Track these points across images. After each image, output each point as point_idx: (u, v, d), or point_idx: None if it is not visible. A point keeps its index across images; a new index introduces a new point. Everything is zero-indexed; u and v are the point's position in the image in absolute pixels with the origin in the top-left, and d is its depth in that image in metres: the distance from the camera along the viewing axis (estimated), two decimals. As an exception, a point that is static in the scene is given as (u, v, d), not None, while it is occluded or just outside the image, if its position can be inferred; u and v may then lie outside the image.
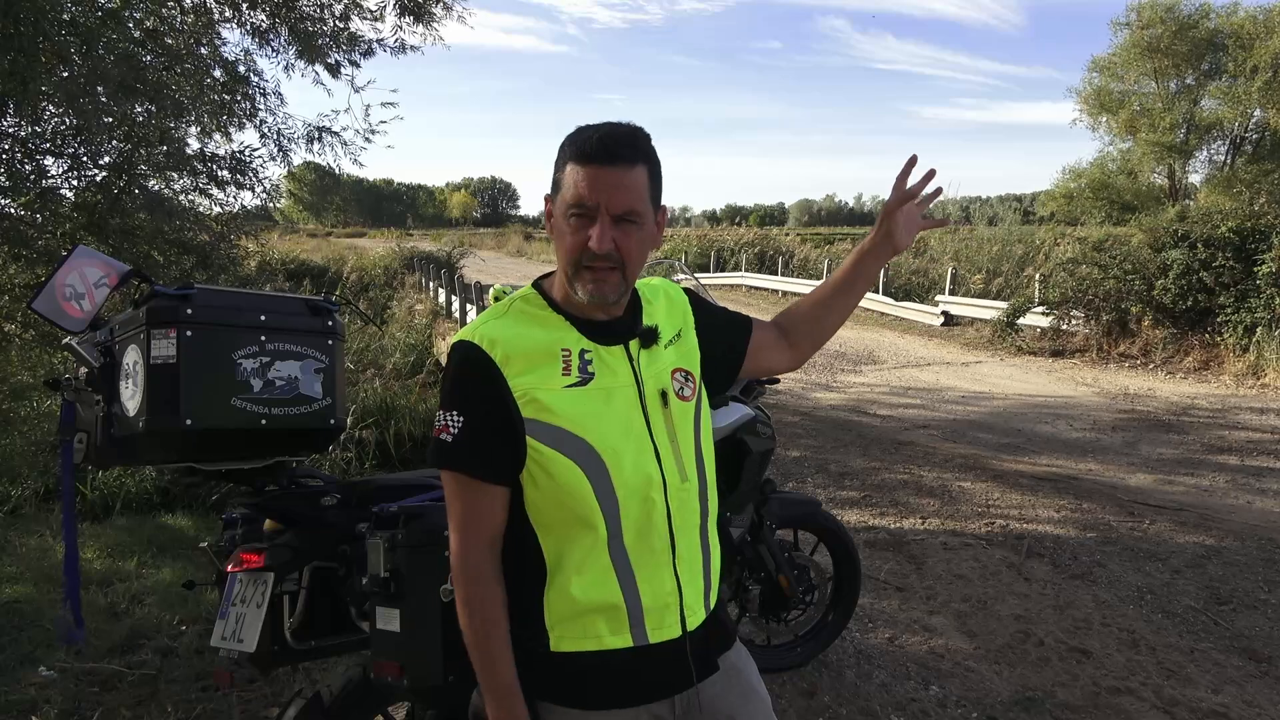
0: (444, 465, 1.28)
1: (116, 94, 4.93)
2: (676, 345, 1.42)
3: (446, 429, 1.27)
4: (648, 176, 1.29)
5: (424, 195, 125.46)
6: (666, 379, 1.37)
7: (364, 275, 24.56)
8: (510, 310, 1.35)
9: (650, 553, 1.32)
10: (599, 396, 1.31)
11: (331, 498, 1.86)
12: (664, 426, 1.34)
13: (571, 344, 1.32)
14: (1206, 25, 24.66)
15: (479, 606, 1.29)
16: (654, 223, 1.34)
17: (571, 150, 1.27)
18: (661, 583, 1.32)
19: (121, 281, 1.78)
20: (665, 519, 1.32)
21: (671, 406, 1.36)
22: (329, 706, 1.82)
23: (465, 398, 1.28)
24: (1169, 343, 10.98)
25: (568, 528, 1.29)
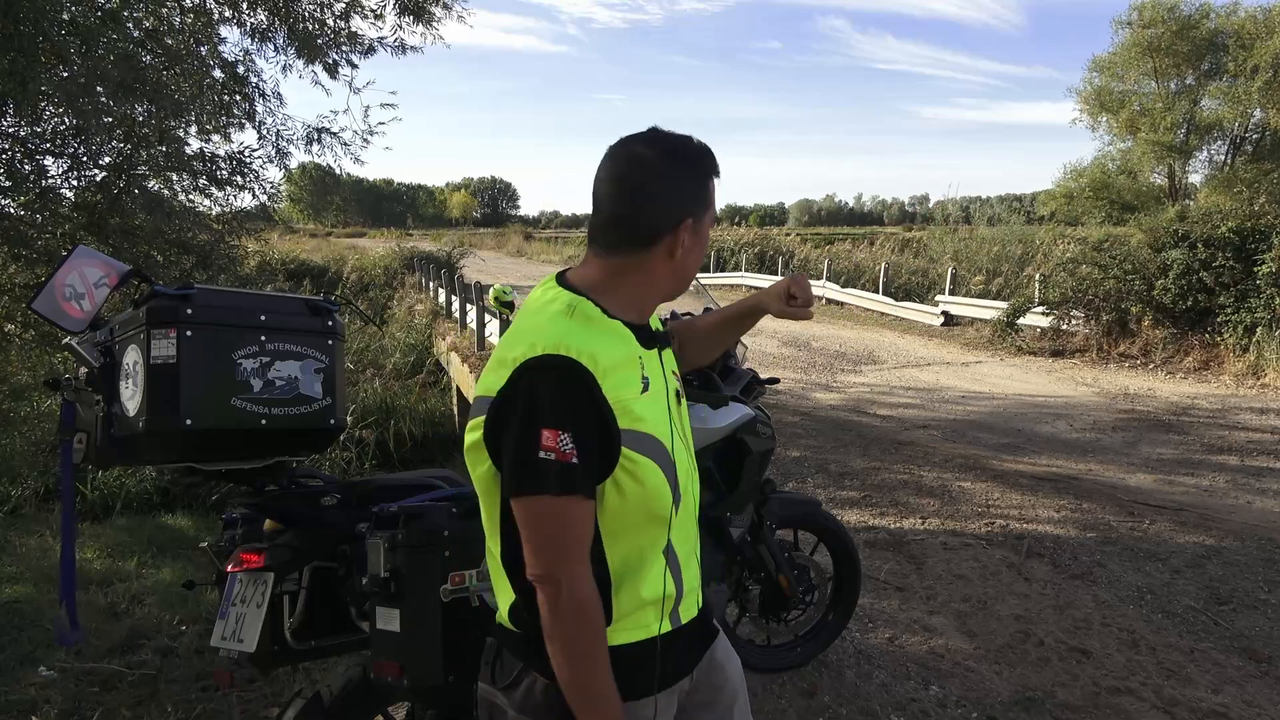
0: (569, 490, 1.18)
1: (116, 94, 4.93)
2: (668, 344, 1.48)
3: (571, 453, 1.17)
4: None
5: (424, 195, 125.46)
6: (675, 377, 1.43)
7: (364, 275, 24.57)
8: (576, 317, 1.27)
9: (689, 539, 1.40)
10: (656, 400, 1.33)
11: (331, 498, 1.86)
12: (679, 419, 1.40)
13: (636, 351, 1.32)
14: (1207, 25, 24.65)
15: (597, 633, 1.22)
16: None
17: (711, 165, 1.34)
18: (693, 566, 1.41)
19: (121, 281, 1.78)
20: (694, 507, 1.42)
21: (681, 404, 1.42)
22: (329, 706, 1.82)
23: (574, 415, 1.19)
24: (1169, 343, 10.98)
25: (642, 530, 1.29)
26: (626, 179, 1.28)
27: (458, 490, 1.89)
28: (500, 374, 1.22)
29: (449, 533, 1.63)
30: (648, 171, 1.27)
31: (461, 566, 1.63)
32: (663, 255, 1.31)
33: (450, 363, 13.27)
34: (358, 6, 6.68)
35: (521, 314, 1.33)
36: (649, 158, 1.28)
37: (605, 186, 1.30)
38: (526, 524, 1.21)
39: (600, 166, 1.31)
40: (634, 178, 1.28)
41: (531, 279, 24.77)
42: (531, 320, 1.28)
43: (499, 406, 1.21)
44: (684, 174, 1.29)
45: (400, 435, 11.44)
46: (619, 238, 1.30)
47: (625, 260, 1.31)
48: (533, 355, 1.20)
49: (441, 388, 14.09)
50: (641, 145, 1.29)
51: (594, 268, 1.33)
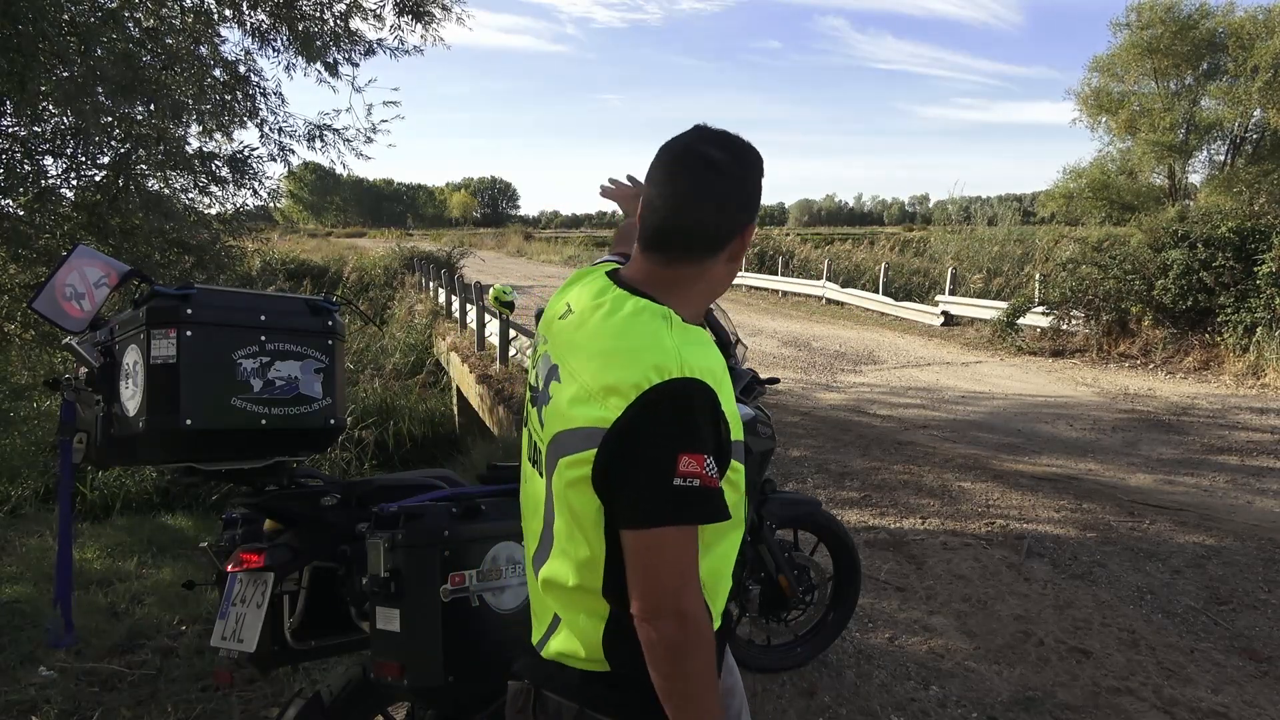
0: (710, 517, 1.14)
1: (115, 94, 4.93)
2: None
3: (713, 479, 1.13)
4: None
5: (424, 195, 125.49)
6: None
7: (364, 275, 24.59)
8: (676, 329, 1.19)
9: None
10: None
11: (331, 498, 1.86)
12: None
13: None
14: (1206, 25, 24.67)
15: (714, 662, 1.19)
16: None
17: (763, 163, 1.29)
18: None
19: (121, 281, 1.78)
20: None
21: None
22: (329, 706, 1.82)
23: (708, 438, 1.14)
24: (1169, 343, 10.97)
25: (729, 537, 1.26)
26: (702, 185, 1.20)
27: (458, 490, 1.89)
28: (614, 402, 1.13)
29: (449, 533, 1.63)
30: (726, 178, 1.20)
31: (461, 566, 1.63)
32: (725, 259, 1.25)
33: (450, 363, 13.27)
34: (357, 7, 6.69)
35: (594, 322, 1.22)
36: (724, 163, 1.20)
37: (676, 191, 1.20)
38: (652, 556, 1.12)
39: (662, 168, 1.22)
40: (709, 183, 1.20)
41: (531, 279, 24.75)
42: (625, 335, 1.18)
43: (622, 437, 1.12)
44: (754, 179, 1.25)
45: (400, 435, 11.45)
46: (690, 243, 1.22)
47: (691, 266, 1.23)
48: (660, 381, 1.12)
49: (441, 388, 14.09)
50: (714, 149, 1.21)
51: (653, 271, 1.24)
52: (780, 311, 17.13)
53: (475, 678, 1.61)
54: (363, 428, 10.83)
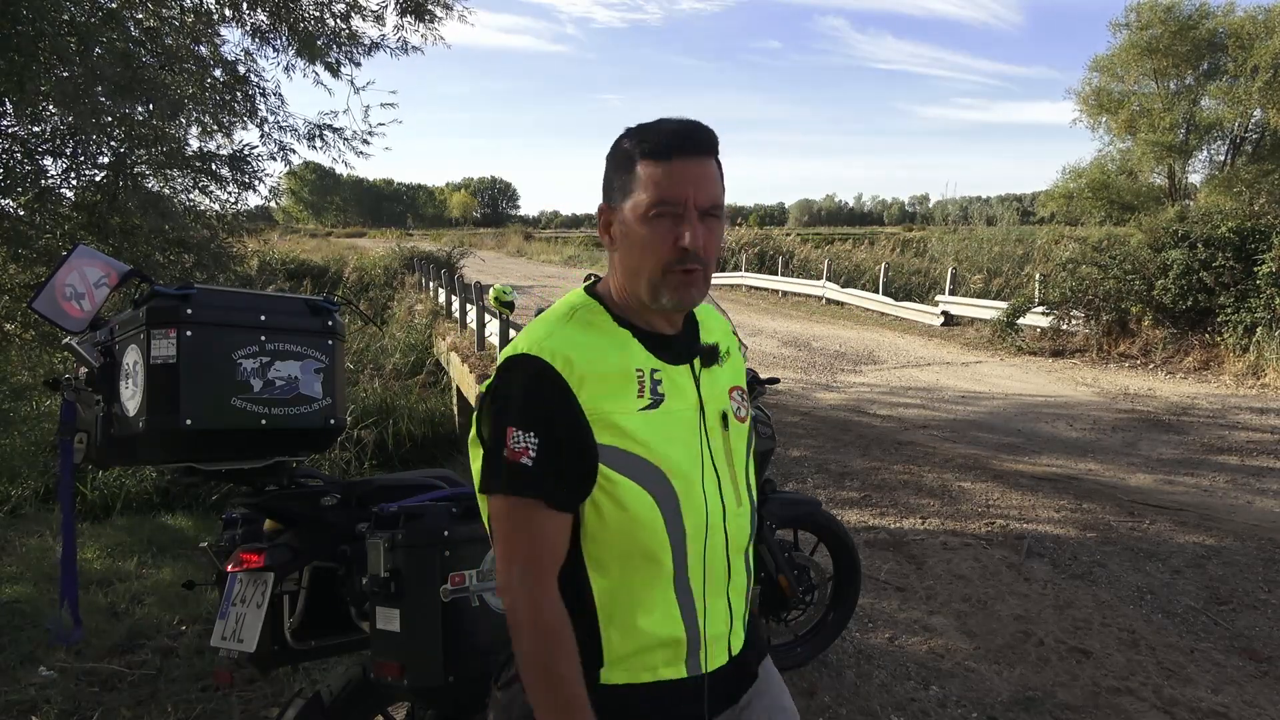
0: (519, 491, 1.14)
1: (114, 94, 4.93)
2: (730, 362, 1.36)
3: (524, 451, 1.13)
4: (718, 170, 1.23)
5: (424, 195, 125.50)
6: (726, 399, 1.31)
7: (364, 275, 24.59)
8: (573, 321, 1.23)
9: (713, 582, 1.25)
10: (668, 420, 1.22)
11: (331, 498, 1.86)
12: (723, 449, 1.28)
13: (643, 363, 1.22)
14: (1206, 25, 24.66)
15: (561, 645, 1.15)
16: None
17: (641, 148, 1.18)
18: (720, 611, 1.27)
19: (121, 281, 1.78)
20: (724, 546, 1.26)
21: (730, 428, 1.30)
22: (329, 706, 1.82)
23: (540, 418, 1.15)
24: (1169, 343, 10.97)
25: (629, 561, 1.19)
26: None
27: (458, 490, 1.89)
28: (494, 370, 1.23)
29: (449, 533, 1.63)
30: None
31: (461, 566, 1.63)
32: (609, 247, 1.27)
33: (450, 363, 13.27)
34: (358, 7, 6.70)
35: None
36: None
37: None
38: (490, 524, 1.20)
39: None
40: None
41: (531, 279, 24.76)
42: (535, 322, 1.27)
43: (480, 401, 1.21)
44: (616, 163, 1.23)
45: (400, 435, 11.44)
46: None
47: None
48: (514, 354, 1.19)
49: (441, 388, 14.09)
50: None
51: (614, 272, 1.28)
52: (780, 311, 17.13)
53: (475, 678, 1.60)
54: (363, 428, 10.82)
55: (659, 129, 1.19)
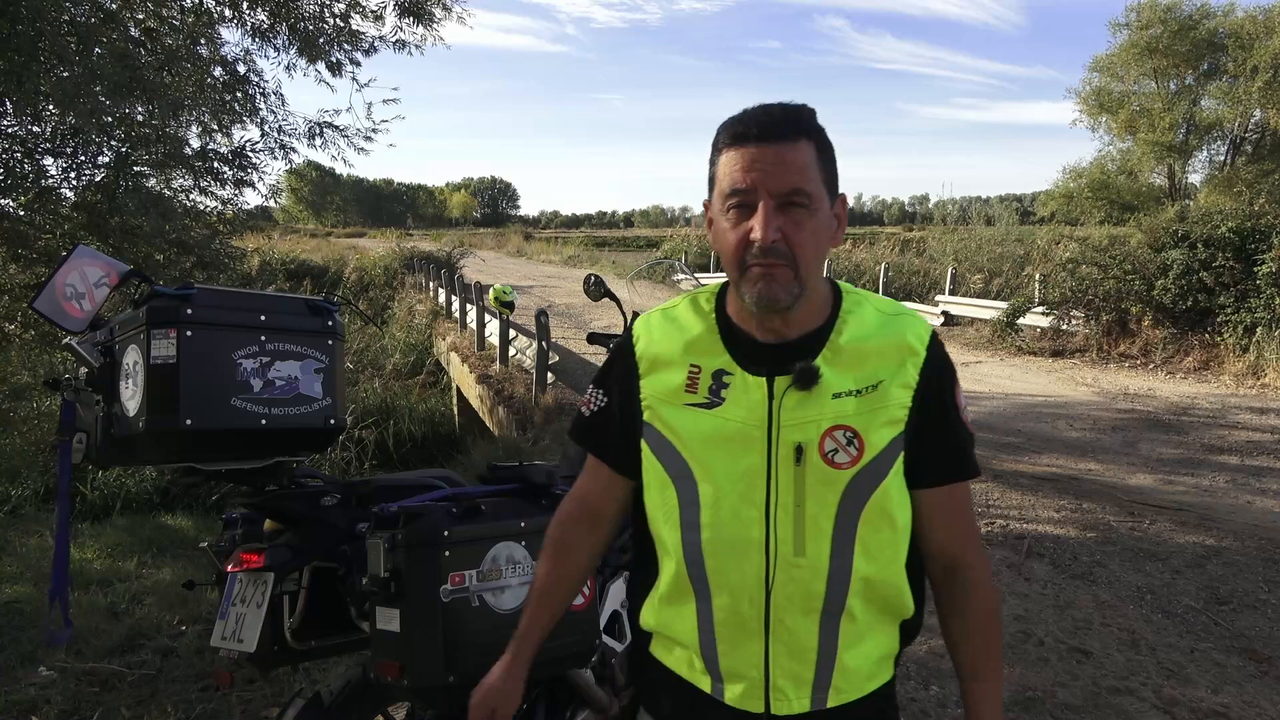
0: (573, 435, 1.37)
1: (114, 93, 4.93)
2: (861, 398, 1.13)
3: (589, 404, 1.32)
4: (815, 153, 1.10)
5: (424, 195, 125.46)
6: (814, 433, 1.12)
7: (364, 275, 24.60)
8: (680, 305, 1.25)
9: (736, 615, 1.16)
10: (720, 426, 1.15)
11: (331, 498, 1.86)
12: (791, 485, 1.12)
13: (710, 360, 1.18)
14: (1206, 25, 24.66)
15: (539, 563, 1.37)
16: (830, 211, 1.13)
17: (724, 136, 1.12)
18: (746, 651, 1.17)
19: (121, 281, 1.78)
20: (763, 589, 1.14)
21: (807, 466, 1.12)
22: (329, 706, 1.82)
23: (608, 383, 1.30)
24: (1169, 343, 10.97)
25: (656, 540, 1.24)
26: None
27: (458, 490, 1.89)
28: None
29: (449, 533, 1.63)
30: None
31: (461, 566, 1.63)
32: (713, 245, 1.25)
33: (450, 363, 13.27)
34: (358, 6, 6.69)
35: None
36: None
37: None
38: None
39: None
40: None
41: (531, 279, 24.74)
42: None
43: None
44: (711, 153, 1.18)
45: (400, 435, 11.45)
46: None
47: None
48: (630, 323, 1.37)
49: (441, 388, 14.09)
50: None
51: None
52: (780, 311, 17.11)
53: (475, 678, 1.60)
54: (363, 428, 10.83)
55: (740, 115, 1.12)
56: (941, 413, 1.16)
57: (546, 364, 8.88)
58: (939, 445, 1.16)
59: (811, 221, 1.09)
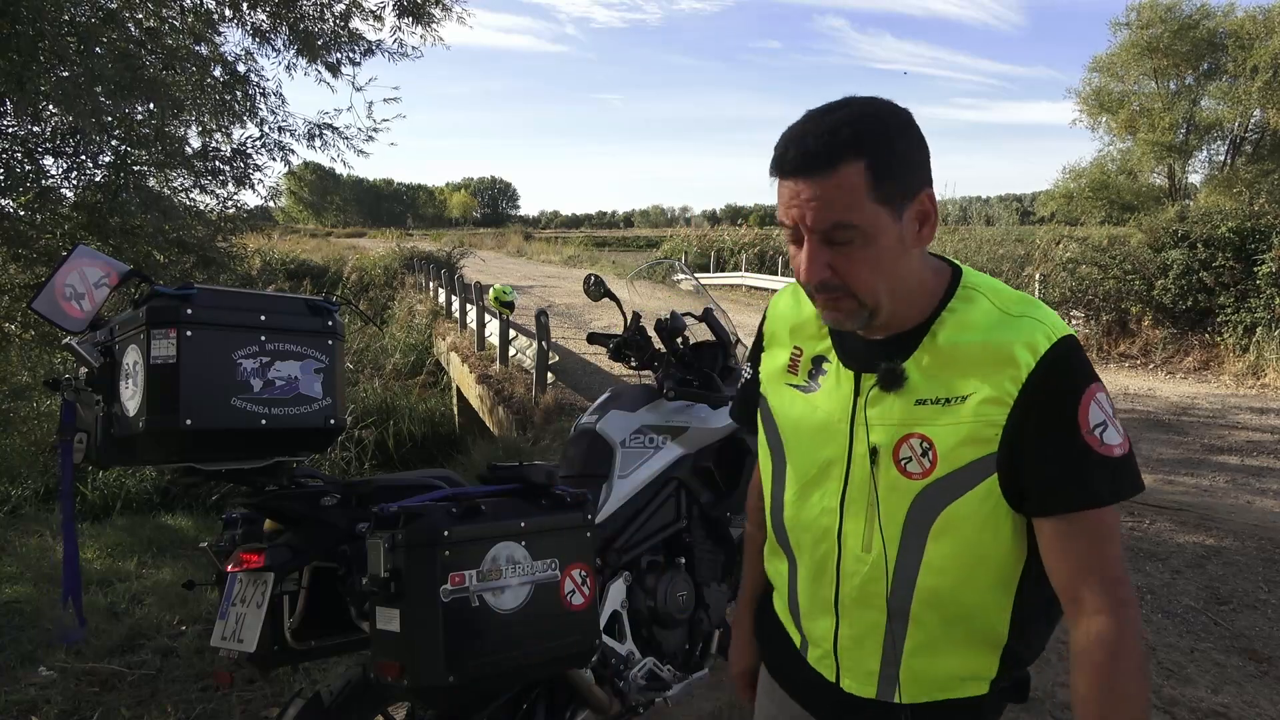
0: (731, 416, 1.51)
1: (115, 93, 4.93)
2: (945, 408, 1.06)
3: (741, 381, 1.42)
4: (866, 172, 0.98)
5: (424, 195, 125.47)
6: (891, 437, 1.09)
7: (364, 275, 24.60)
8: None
9: (816, 591, 1.20)
10: (809, 413, 1.17)
11: (331, 498, 1.86)
12: (864, 485, 1.12)
13: (812, 344, 1.19)
14: (1206, 25, 24.66)
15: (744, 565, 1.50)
16: (894, 225, 1.02)
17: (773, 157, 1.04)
18: (821, 623, 1.21)
19: (121, 281, 1.78)
20: (834, 579, 1.17)
21: (880, 469, 1.10)
22: (329, 706, 1.82)
23: (751, 355, 1.38)
24: (1169, 343, 10.98)
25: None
26: None
27: (458, 490, 1.88)
28: None
29: (449, 533, 1.63)
30: None
31: (461, 566, 1.63)
32: None
33: (450, 363, 13.27)
34: (357, 7, 6.70)
35: None
36: None
37: None
38: None
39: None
40: None
41: (531, 279, 24.74)
42: None
43: None
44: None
45: (400, 435, 11.45)
46: None
47: None
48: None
49: (441, 388, 14.09)
50: None
51: None
52: (780, 311, 17.10)
53: (475, 678, 1.60)
54: (363, 428, 10.83)
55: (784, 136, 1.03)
56: (1052, 435, 1.03)
57: (546, 364, 8.88)
58: (1049, 472, 1.04)
59: (866, 251, 1.02)
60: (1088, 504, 1.04)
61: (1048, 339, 1.04)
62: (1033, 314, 1.07)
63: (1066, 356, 1.04)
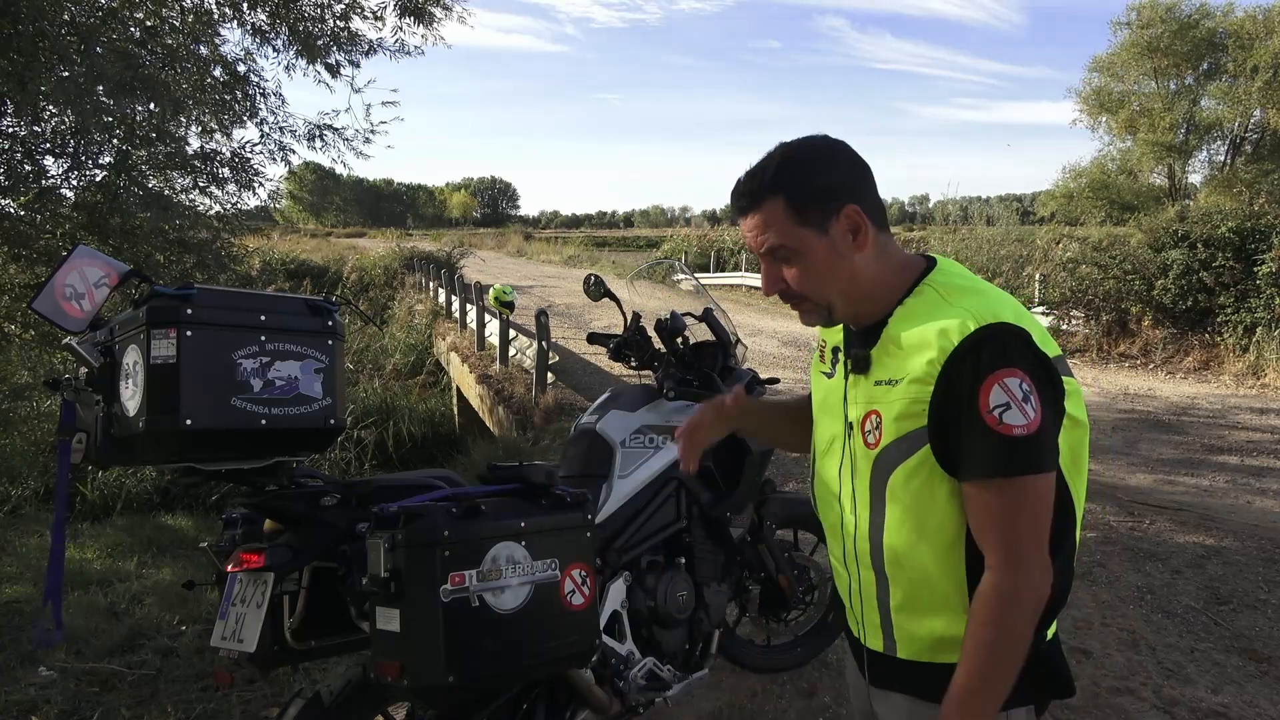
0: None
1: (115, 93, 4.93)
2: (890, 387, 1.25)
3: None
4: (785, 204, 1.26)
5: (424, 195, 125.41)
6: (859, 414, 1.30)
7: (364, 275, 24.59)
8: None
9: (835, 551, 1.43)
10: (827, 391, 1.42)
11: (331, 498, 1.86)
12: (849, 455, 1.33)
13: (833, 337, 1.43)
14: (1206, 25, 24.65)
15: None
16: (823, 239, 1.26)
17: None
18: (843, 583, 1.43)
19: (121, 281, 1.78)
20: (841, 540, 1.39)
21: (854, 440, 1.32)
22: (329, 706, 1.82)
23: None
24: (1169, 343, 10.98)
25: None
26: None
27: (458, 490, 1.89)
28: None
29: (449, 533, 1.63)
30: None
31: (461, 566, 1.63)
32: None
33: (450, 363, 13.27)
34: (357, 7, 6.69)
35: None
36: None
37: None
38: None
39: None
40: None
41: (531, 279, 24.75)
42: None
43: None
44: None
45: (400, 435, 11.44)
46: None
47: None
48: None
49: (441, 388, 14.09)
50: None
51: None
52: (780, 311, 17.12)
53: (475, 678, 1.60)
54: (363, 428, 10.83)
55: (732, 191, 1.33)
56: (961, 412, 1.17)
57: (546, 364, 8.88)
58: (959, 443, 1.18)
59: (803, 263, 1.27)
60: (981, 475, 1.17)
61: (966, 327, 1.18)
62: (966, 303, 1.21)
63: (981, 343, 1.17)
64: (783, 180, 1.26)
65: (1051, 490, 1.19)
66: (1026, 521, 1.16)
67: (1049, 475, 1.17)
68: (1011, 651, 1.17)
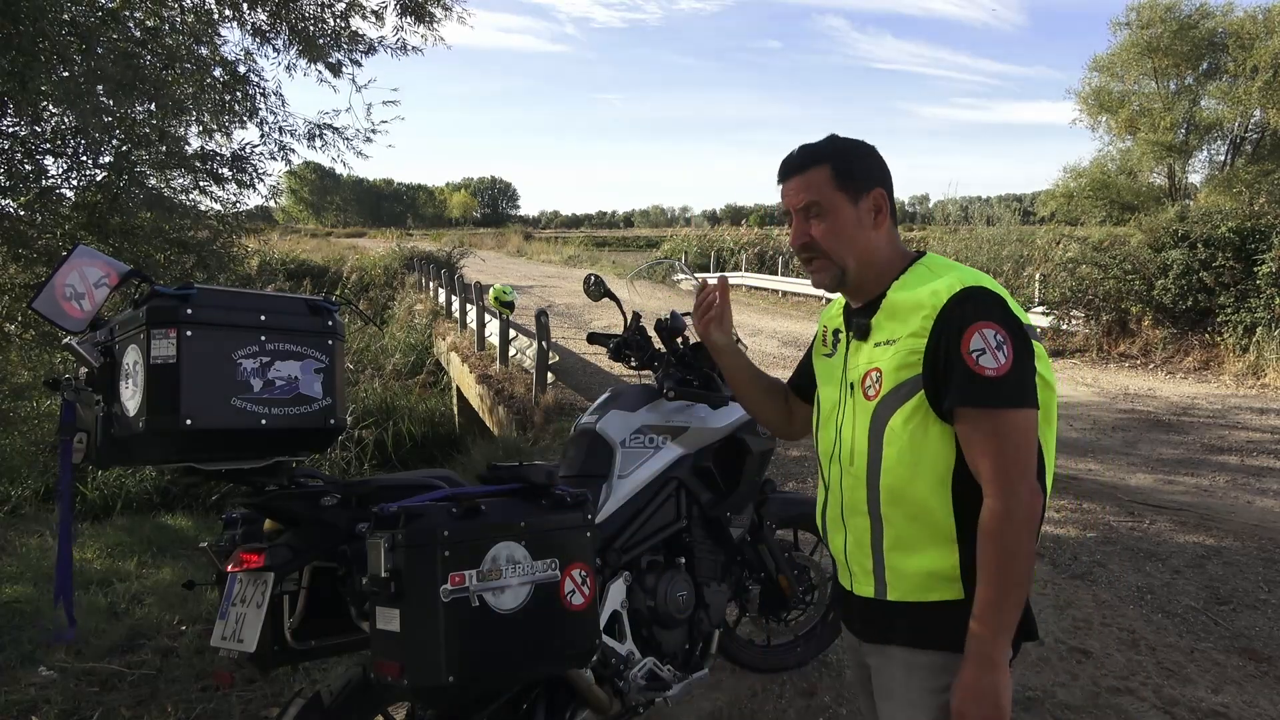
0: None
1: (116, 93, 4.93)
2: (889, 346, 1.45)
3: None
4: (829, 171, 1.49)
5: (424, 195, 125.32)
6: (859, 374, 1.50)
7: (364, 275, 24.61)
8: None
9: (833, 511, 1.58)
10: (829, 368, 1.62)
11: (331, 498, 1.86)
12: (850, 413, 1.52)
13: (833, 322, 1.64)
14: (1206, 25, 24.64)
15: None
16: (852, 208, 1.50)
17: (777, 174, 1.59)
18: (836, 538, 1.58)
19: (121, 281, 1.78)
20: (839, 492, 1.55)
21: (855, 398, 1.51)
22: (329, 706, 1.82)
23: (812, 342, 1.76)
24: (1169, 343, 10.98)
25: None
26: None
27: (458, 490, 1.88)
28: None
29: (449, 533, 1.63)
30: None
31: (461, 566, 1.63)
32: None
33: (450, 363, 13.27)
34: (357, 7, 6.68)
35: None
36: None
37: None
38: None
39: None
40: None
41: (531, 279, 24.75)
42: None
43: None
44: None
45: (400, 435, 11.45)
46: None
47: None
48: None
49: (441, 388, 14.09)
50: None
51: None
52: (780, 311, 17.14)
53: (475, 678, 1.61)
54: (363, 428, 10.84)
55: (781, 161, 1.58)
56: (949, 356, 1.38)
57: (546, 364, 8.88)
58: (947, 382, 1.38)
59: (831, 222, 1.50)
60: (958, 404, 1.37)
61: (953, 287, 1.41)
62: (953, 273, 1.46)
63: (963, 299, 1.39)
64: (831, 154, 1.52)
65: (1031, 426, 1.37)
66: (1010, 451, 1.35)
67: (1025, 412, 1.36)
68: (1019, 564, 1.33)
